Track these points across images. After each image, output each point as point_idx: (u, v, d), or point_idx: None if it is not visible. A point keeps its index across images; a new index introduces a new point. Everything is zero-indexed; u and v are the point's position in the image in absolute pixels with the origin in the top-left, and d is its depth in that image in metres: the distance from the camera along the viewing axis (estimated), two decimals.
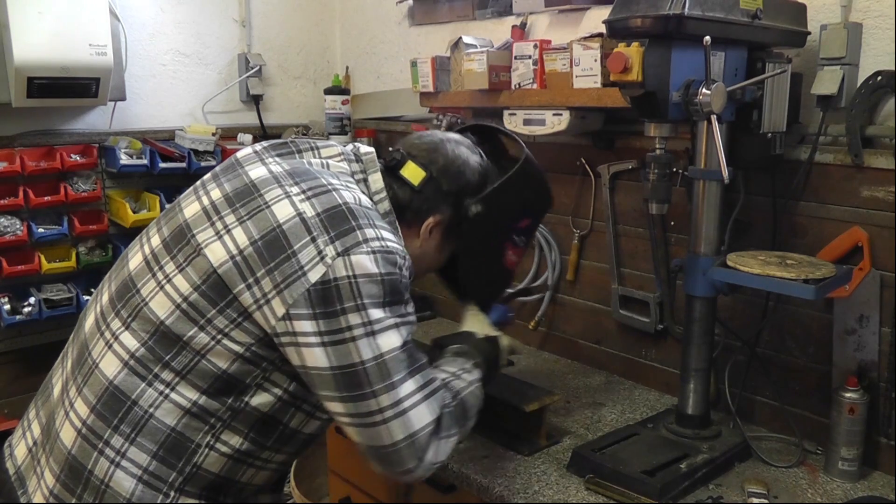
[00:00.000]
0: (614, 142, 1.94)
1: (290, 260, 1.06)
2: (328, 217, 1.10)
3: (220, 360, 1.10)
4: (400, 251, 1.14)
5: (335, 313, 1.06)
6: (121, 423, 1.10)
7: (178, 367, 1.10)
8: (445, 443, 1.18)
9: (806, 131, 1.58)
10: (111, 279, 1.23)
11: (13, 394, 2.34)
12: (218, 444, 1.13)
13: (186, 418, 1.10)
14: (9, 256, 2.18)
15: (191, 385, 1.10)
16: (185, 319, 1.10)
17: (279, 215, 1.10)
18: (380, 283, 1.09)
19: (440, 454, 1.17)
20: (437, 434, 1.16)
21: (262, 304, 1.07)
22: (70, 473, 1.11)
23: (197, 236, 1.13)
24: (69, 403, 1.15)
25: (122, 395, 1.10)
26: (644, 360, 1.97)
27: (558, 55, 1.80)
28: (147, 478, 1.10)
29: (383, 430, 1.11)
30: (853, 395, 1.47)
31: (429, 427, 1.14)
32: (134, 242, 1.26)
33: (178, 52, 2.56)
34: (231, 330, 1.09)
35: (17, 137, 2.25)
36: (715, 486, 1.47)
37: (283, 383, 1.14)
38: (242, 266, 1.08)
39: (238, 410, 1.12)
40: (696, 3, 1.26)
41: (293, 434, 1.20)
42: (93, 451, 1.10)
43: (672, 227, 1.84)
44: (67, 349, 1.26)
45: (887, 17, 1.46)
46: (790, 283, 1.34)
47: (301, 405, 1.18)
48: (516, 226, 1.42)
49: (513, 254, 1.43)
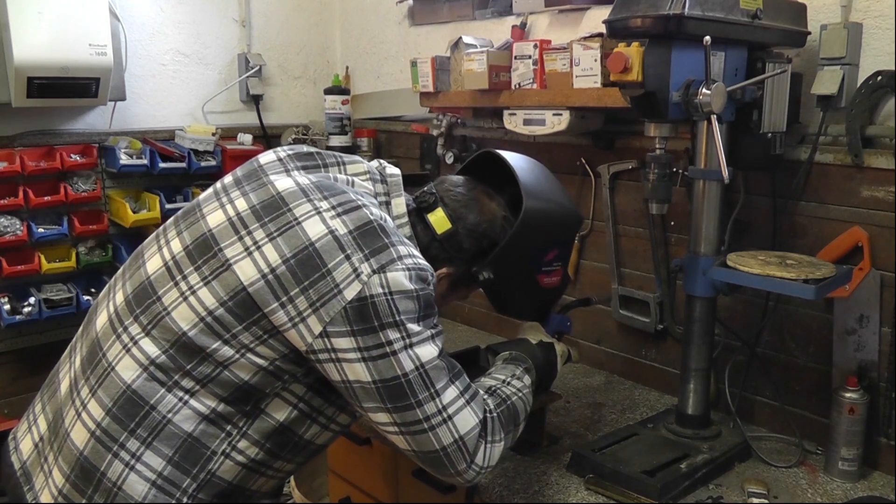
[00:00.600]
0: (614, 142, 1.94)
1: (325, 278, 1.06)
2: (360, 234, 1.10)
3: (243, 371, 1.10)
4: (429, 269, 1.16)
5: (373, 329, 1.07)
6: (137, 427, 1.09)
7: (199, 376, 1.10)
8: (494, 446, 1.19)
9: (806, 131, 1.58)
10: (125, 278, 1.22)
11: (13, 394, 2.34)
12: (234, 452, 1.13)
13: (204, 424, 1.10)
14: (9, 256, 2.18)
15: (211, 393, 1.10)
16: (209, 333, 1.09)
17: (311, 233, 1.09)
18: (415, 299, 1.10)
19: (490, 458, 1.18)
20: (485, 437, 1.18)
21: (297, 322, 1.07)
22: (81, 474, 1.11)
23: (225, 251, 1.11)
24: (81, 403, 1.14)
25: (140, 400, 1.10)
26: (644, 360, 1.97)
27: (558, 55, 1.80)
28: (161, 482, 1.09)
29: (432, 436, 1.13)
30: (853, 395, 1.47)
31: (475, 430, 1.16)
32: (150, 241, 1.24)
33: (178, 51, 2.56)
34: (257, 346, 1.09)
35: (17, 137, 2.25)
36: (715, 486, 1.47)
37: (300, 393, 1.15)
38: (275, 285, 1.07)
39: (255, 418, 1.13)
40: (696, 3, 1.26)
41: (306, 445, 1.22)
42: (107, 453, 1.10)
43: (672, 227, 1.84)
44: (76, 344, 1.24)
45: (887, 17, 1.46)
46: (790, 283, 1.34)
47: (317, 417, 1.19)
48: (542, 262, 1.39)
49: (549, 279, 1.40)
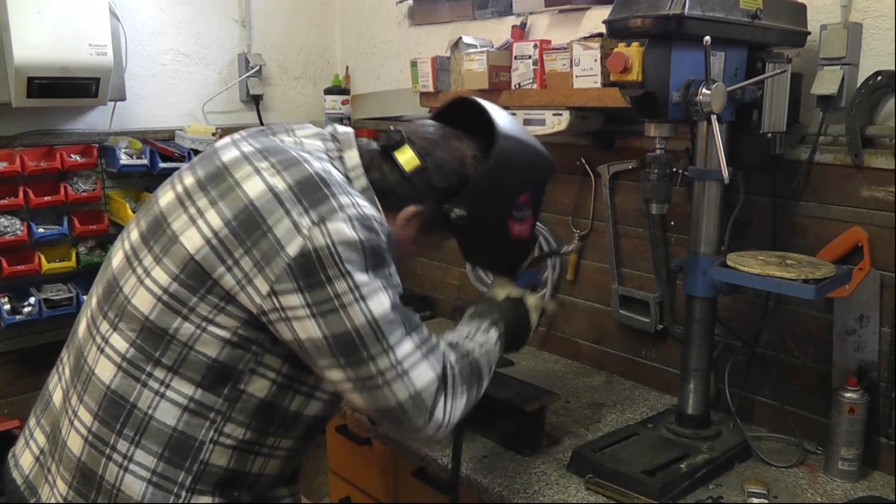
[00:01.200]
0: (614, 142, 1.94)
1: (266, 237, 1.05)
2: (300, 188, 1.08)
3: (209, 348, 1.09)
4: (377, 217, 1.12)
5: (320, 283, 1.05)
6: (124, 428, 1.10)
7: (169, 362, 1.09)
8: (455, 402, 1.16)
9: (806, 131, 1.58)
10: (98, 281, 1.22)
11: (13, 394, 2.34)
12: (221, 437, 1.12)
13: (186, 416, 1.10)
14: (9, 256, 2.18)
15: (184, 380, 1.09)
16: (169, 311, 1.09)
17: (251, 193, 1.08)
18: (360, 249, 1.07)
19: (450, 414, 1.15)
20: (444, 391, 1.14)
21: (244, 284, 1.06)
22: (82, 479, 1.12)
23: (172, 225, 1.11)
24: (73, 412, 1.15)
25: (121, 400, 1.10)
26: (644, 360, 1.97)
27: (558, 55, 1.80)
28: (156, 479, 1.09)
29: (387, 392, 1.09)
30: (853, 395, 1.47)
31: (433, 384, 1.12)
32: (116, 240, 1.24)
33: (178, 52, 2.56)
34: (215, 316, 1.08)
35: (17, 137, 2.25)
36: (715, 486, 1.47)
37: (276, 366, 1.13)
38: (220, 249, 1.07)
39: (235, 400, 1.11)
40: (696, 3, 1.26)
41: (295, 417, 1.19)
42: (101, 457, 1.10)
43: (672, 227, 1.84)
44: (63, 356, 1.25)
45: (887, 17, 1.46)
46: (790, 283, 1.34)
47: (299, 387, 1.17)
48: (514, 205, 1.33)
49: (519, 227, 1.35)
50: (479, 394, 1.25)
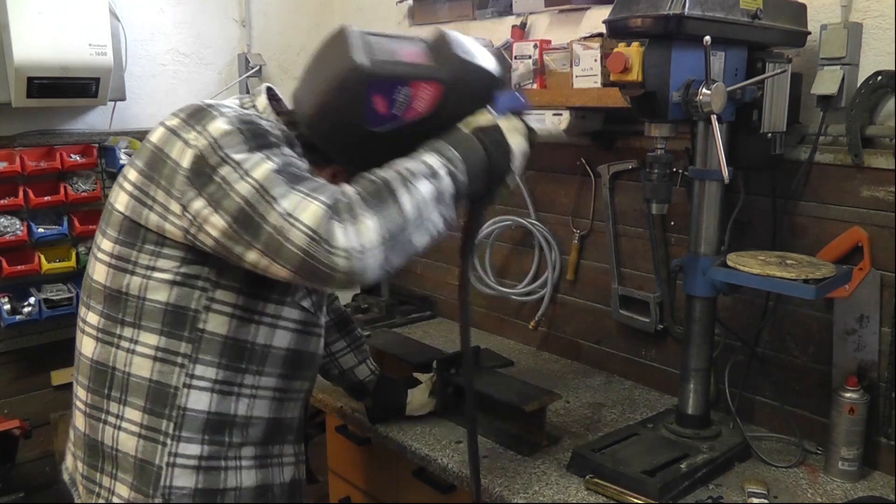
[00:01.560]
0: (614, 142, 1.94)
1: (167, 164, 1.11)
2: (189, 115, 1.14)
3: (159, 293, 1.15)
4: (259, 115, 1.17)
5: (210, 178, 1.07)
6: (111, 391, 1.18)
7: (131, 318, 1.16)
8: (358, 224, 1.03)
9: (806, 131, 1.58)
10: None
11: (13, 394, 2.34)
12: (194, 381, 1.17)
13: (158, 365, 1.16)
14: (9, 256, 2.18)
15: (148, 331, 1.16)
16: (118, 272, 1.16)
17: (153, 138, 1.15)
18: (237, 133, 1.09)
19: (355, 237, 1.02)
20: (338, 217, 1.02)
21: (165, 215, 1.11)
22: (89, 452, 1.22)
23: (110, 200, 1.20)
24: (75, 396, 1.26)
25: (102, 366, 1.19)
26: (644, 360, 1.97)
27: (558, 55, 1.80)
28: (145, 433, 1.17)
29: (289, 246, 1.02)
30: (853, 395, 1.47)
31: (323, 216, 1.02)
32: None
33: (178, 52, 2.56)
34: (155, 261, 1.14)
35: (17, 137, 2.25)
36: (715, 486, 1.47)
37: (230, 300, 1.17)
38: (140, 195, 1.13)
39: (198, 341, 1.17)
40: (696, 3, 1.26)
41: (265, 350, 1.23)
42: (98, 423, 1.20)
43: (672, 227, 1.84)
44: None
45: (887, 17, 1.46)
46: (790, 283, 1.34)
47: (260, 318, 1.21)
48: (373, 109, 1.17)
49: (414, 98, 1.18)
50: (403, 213, 1.07)
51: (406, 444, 1.64)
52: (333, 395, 1.86)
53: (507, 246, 2.27)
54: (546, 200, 2.15)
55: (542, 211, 2.16)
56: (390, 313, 2.46)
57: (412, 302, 2.58)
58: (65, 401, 2.36)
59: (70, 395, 1.30)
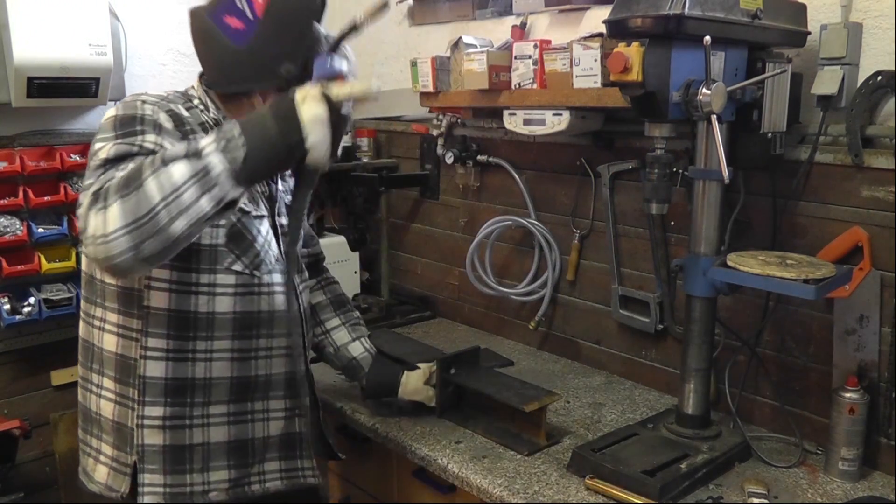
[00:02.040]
0: (614, 142, 1.94)
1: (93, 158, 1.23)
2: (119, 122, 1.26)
3: (108, 276, 1.30)
4: (149, 98, 1.30)
5: None
6: (92, 364, 1.39)
7: (100, 299, 1.35)
8: (104, 212, 1.08)
9: (806, 131, 1.58)
10: None
11: (13, 394, 2.34)
12: (149, 352, 1.32)
13: (121, 340, 1.33)
14: (9, 256, 2.18)
15: (110, 311, 1.34)
16: (88, 260, 1.33)
17: None
18: (112, 120, 1.24)
19: (99, 225, 1.08)
20: (94, 206, 1.10)
21: None
22: (84, 419, 1.43)
23: None
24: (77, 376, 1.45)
25: (86, 343, 1.40)
26: (644, 360, 1.97)
27: (558, 55, 1.80)
28: (118, 399, 1.35)
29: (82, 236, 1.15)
30: (853, 395, 1.47)
31: (87, 204, 1.11)
32: None
33: (178, 52, 2.56)
34: None
35: (17, 137, 2.25)
36: (715, 486, 1.47)
37: (164, 276, 1.30)
38: None
39: (146, 317, 1.30)
40: (696, 3, 1.26)
41: (209, 317, 1.34)
42: (87, 392, 1.41)
43: (672, 227, 1.84)
44: None
45: (887, 17, 1.46)
46: (790, 283, 1.34)
47: (196, 289, 1.32)
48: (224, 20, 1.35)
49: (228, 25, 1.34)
50: (147, 193, 1.07)
51: (406, 444, 1.64)
52: (334, 396, 1.86)
53: (507, 246, 2.27)
54: (546, 200, 2.15)
55: (542, 211, 2.16)
56: (390, 313, 2.47)
57: (412, 302, 2.58)
58: (65, 401, 2.36)
59: (70, 395, 1.37)
